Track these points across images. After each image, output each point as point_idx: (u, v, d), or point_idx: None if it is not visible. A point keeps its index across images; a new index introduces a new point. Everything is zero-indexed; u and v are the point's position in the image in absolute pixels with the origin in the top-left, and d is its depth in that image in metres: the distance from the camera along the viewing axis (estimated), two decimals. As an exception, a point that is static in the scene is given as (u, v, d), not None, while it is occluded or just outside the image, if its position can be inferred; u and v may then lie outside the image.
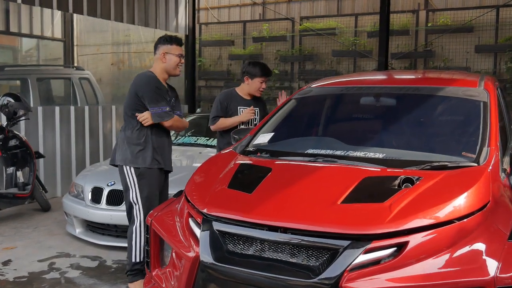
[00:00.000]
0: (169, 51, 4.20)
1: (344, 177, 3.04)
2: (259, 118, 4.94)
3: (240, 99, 4.97)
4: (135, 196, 4.11)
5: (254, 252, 2.72)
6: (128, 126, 4.19)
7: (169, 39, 4.24)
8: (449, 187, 2.87)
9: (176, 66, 4.25)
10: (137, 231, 4.09)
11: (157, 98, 4.09)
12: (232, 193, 3.06)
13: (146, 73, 4.24)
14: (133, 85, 4.19)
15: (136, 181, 4.11)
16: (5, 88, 9.66)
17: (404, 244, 2.52)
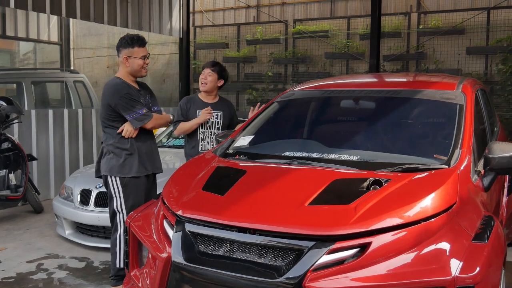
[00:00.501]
0: (131, 55, 4.07)
1: (315, 179, 3.11)
2: (222, 121, 4.88)
3: (200, 103, 4.88)
4: (120, 204, 4.11)
5: (224, 252, 2.79)
6: (109, 136, 4.13)
7: (130, 42, 4.07)
8: (416, 189, 2.93)
9: (140, 68, 4.13)
10: (120, 238, 4.14)
11: (130, 104, 4.02)
12: (205, 195, 3.13)
13: (112, 81, 4.14)
14: (104, 97, 4.10)
15: (121, 191, 4.10)
16: (2, 91, 9.76)
17: (367, 244, 2.59)
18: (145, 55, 4.15)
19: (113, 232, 4.21)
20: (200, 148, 4.82)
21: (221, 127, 4.86)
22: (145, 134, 4.22)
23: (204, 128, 4.82)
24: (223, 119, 4.89)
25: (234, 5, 11.19)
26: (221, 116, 4.89)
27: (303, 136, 4.29)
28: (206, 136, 4.82)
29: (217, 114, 4.87)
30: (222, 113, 4.90)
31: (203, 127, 4.82)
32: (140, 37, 4.15)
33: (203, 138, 4.82)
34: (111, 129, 4.13)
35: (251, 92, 10.51)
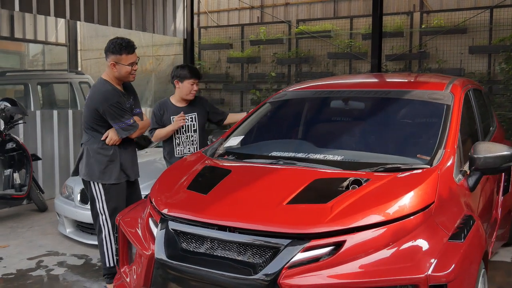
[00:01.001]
0: (119, 61, 4.00)
1: (296, 179, 3.18)
2: (198, 122, 4.85)
3: (172, 108, 4.84)
4: (102, 207, 4.17)
5: (206, 250, 2.87)
6: (92, 140, 4.14)
7: (118, 49, 3.97)
8: (394, 188, 2.99)
9: (127, 75, 4.08)
10: (106, 239, 4.22)
11: (119, 114, 4.01)
12: (189, 194, 3.22)
13: (102, 86, 4.07)
14: (92, 100, 4.07)
15: (103, 194, 4.16)
16: (10, 92, 9.93)
17: (341, 243, 2.65)
18: (134, 62, 4.07)
19: (98, 233, 4.27)
20: (176, 153, 4.82)
21: (198, 129, 4.85)
22: (127, 142, 4.24)
23: (179, 133, 4.81)
24: (198, 120, 4.87)
25: (239, 6, 11.27)
26: (195, 117, 4.85)
27: (293, 136, 4.36)
28: (182, 141, 4.80)
29: (191, 116, 4.84)
30: (196, 114, 4.86)
31: (179, 132, 4.80)
32: (130, 44, 4.05)
33: (179, 143, 4.81)
34: (95, 132, 4.13)
35: (254, 92, 10.58)
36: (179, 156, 4.79)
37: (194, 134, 4.83)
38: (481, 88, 5.46)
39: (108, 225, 4.20)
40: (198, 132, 4.85)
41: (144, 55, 11.29)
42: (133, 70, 4.11)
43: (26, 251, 5.44)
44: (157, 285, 3.00)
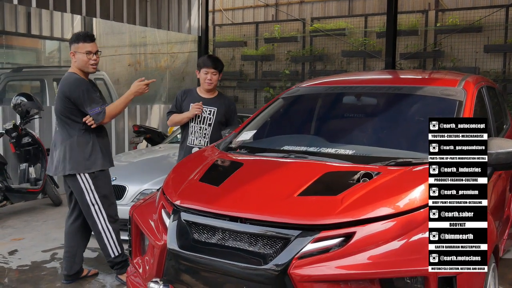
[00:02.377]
0: (77, 50, 4.08)
1: (307, 172, 3.20)
2: (215, 118, 4.74)
3: (196, 96, 4.79)
4: (93, 197, 4.17)
5: (217, 240, 2.91)
6: (70, 132, 4.14)
7: (75, 38, 4.10)
8: (405, 182, 3.00)
9: (85, 64, 4.11)
10: (104, 229, 4.23)
11: (91, 100, 4.05)
12: (202, 186, 3.26)
13: (71, 76, 4.14)
14: (62, 92, 4.10)
15: (92, 183, 4.16)
16: (26, 88, 10.07)
17: (351, 234, 2.68)
18: (89, 51, 4.10)
19: (93, 227, 4.26)
20: (188, 142, 4.75)
21: (213, 124, 4.73)
22: (103, 130, 4.31)
23: (194, 122, 4.74)
24: (216, 116, 4.75)
25: (253, 3, 11.31)
26: (214, 112, 4.76)
27: (305, 131, 4.38)
28: (195, 130, 4.74)
29: (211, 110, 4.75)
30: (217, 110, 4.76)
31: (194, 121, 4.73)
32: (88, 34, 4.18)
33: (192, 132, 4.74)
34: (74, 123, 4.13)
35: (268, 90, 10.62)
36: (190, 145, 4.74)
37: (208, 128, 4.75)
38: (495, 85, 5.43)
39: (103, 215, 4.20)
40: (213, 127, 4.75)
41: (159, 52, 11.39)
42: (92, 60, 4.13)
43: (41, 244, 5.52)
44: (169, 275, 3.05)
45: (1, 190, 6.32)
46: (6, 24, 10.60)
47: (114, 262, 4.33)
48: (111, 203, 4.29)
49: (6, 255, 5.16)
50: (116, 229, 4.32)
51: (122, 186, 5.55)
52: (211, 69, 4.74)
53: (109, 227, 4.24)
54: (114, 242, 4.26)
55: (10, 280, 4.55)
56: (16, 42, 11.31)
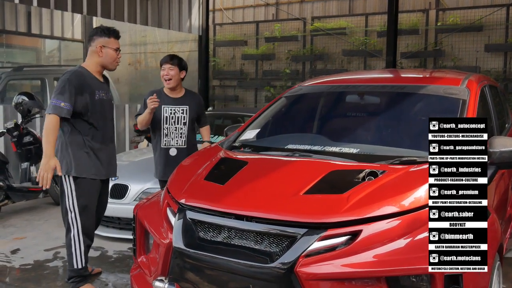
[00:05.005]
0: (107, 45, 3.97)
1: (312, 170, 3.21)
2: (188, 116, 4.70)
3: (165, 97, 4.69)
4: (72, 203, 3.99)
5: (223, 239, 2.92)
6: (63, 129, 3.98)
7: (106, 32, 3.98)
8: (410, 180, 3.01)
9: (113, 61, 4.03)
10: (75, 239, 4.02)
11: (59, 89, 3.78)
12: (207, 184, 3.26)
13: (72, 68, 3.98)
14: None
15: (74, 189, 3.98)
16: (27, 87, 10.06)
17: (358, 232, 2.68)
18: (119, 48, 4.07)
19: (67, 232, 4.08)
20: (163, 144, 4.67)
21: (188, 122, 4.68)
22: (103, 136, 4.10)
23: (168, 124, 4.66)
24: (189, 113, 4.72)
25: (254, 3, 11.31)
26: (187, 110, 4.71)
27: (308, 130, 4.39)
28: (171, 131, 4.66)
29: (183, 108, 4.70)
30: (188, 108, 4.71)
31: (167, 122, 4.66)
32: (116, 30, 4.07)
33: (167, 134, 4.65)
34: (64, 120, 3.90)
35: (269, 89, 10.63)
36: (165, 147, 4.65)
37: (183, 127, 4.68)
38: (497, 84, 5.45)
39: (78, 224, 4.01)
40: (188, 125, 4.70)
41: (159, 52, 11.39)
42: (118, 57, 4.08)
43: (43, 243, 5.52)
44: (174, 274, 3.05)
45: (2, 189, 6.32)
46: (7, 23, 10.60)
47: (75, 273, 4.09)
48: (90, 216, 4.06)
49: (9, 254, 5.16)
50: (86, 242, 4.11)
51: (124, 185, 5.55)
52: (167, 64, 4.68)
53: (80, 238, 4.01)
54: (81, 254, 4.04)
55: (13, 279, 4.55)
56: (16, 41, 11.32)
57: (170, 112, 4.68)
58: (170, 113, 4.68)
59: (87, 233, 4.11)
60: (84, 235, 4.06)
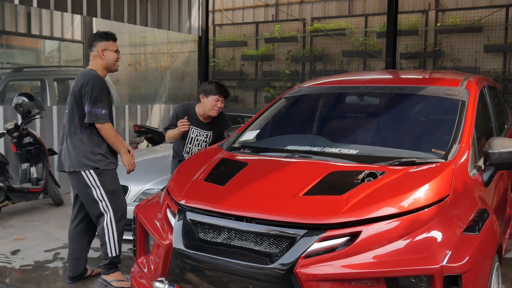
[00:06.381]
0: (107, 48, 4.18)
1: (312, 171, 3.22)
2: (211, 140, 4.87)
3: (195, 118, 4.81)
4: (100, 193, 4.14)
5: (223, 240, 2.92)
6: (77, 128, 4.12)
7: (105, 36, 4.19)
8: (409, 181, 3.02)
9: (114, 62, 4.22)
10: (108, 227, 4.18)
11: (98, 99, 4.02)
12: (207, 185, 3.27)
13: (90, 72, 4.13)
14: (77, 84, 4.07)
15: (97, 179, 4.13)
16: (27, 88, 10.06)
17: (357, 233, 2.69)
18: (118, 49, 4.28)
19: (99, 222, 4.22)
20: (184, 157, 4.87)
21: (208, 144, 4.87)
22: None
23: (191, 144, 4.84)
24: (212, 138, 4.91)
25: (253, 3, 11.33)
26: (210, 136, 4.90)
27: (308, 131, 4.40)
28: (193, 151, 4.84)
29: (207, 134, 4.88)
30: (212, 133, 4.90)
31: (191, 143, 4.84)
32: (113, 33, 4.29)
33: (189, 152, 4.86)
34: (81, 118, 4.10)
35: (268, 90, 10.64)
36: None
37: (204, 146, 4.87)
38: (496, 85, 5.46)
39: (110, 211, 4.18)
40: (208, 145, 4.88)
41: (159, 52, 11.39)
42: (118, 58, 4.28)
43: (43, 244, 5.52)
44: (174, 275, 3.06)
45: (2, 190, 6.32)
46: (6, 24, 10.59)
47: (109, 261, 4.24)
48: (120, 198, 4.25)
49: (9, 254, 5.16)
50: (120, 229, 4.28)
51: (124, 186, 5.54)
52: (223, 97, 4.77)
53: (113, 225, 4.19)
54: (115, 242, 4.21)
55: (13, 280, 4.56)
56: (16, 42, 11.30)
57: (196, 134, 4.85)
58: (196, 135, 4.86)
59: (122, 215, 4.27)
60: (116, 222, 4.21)
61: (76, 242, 4.41)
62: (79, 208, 4.39)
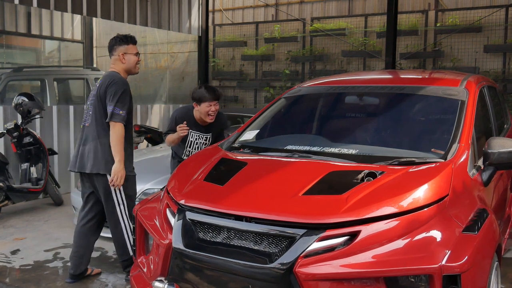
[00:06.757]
0: (127, 51, 4.22)
1: (311, 171, 3.22)
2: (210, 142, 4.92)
3: (193, 122, 4.85)
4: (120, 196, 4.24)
5: (222, 239, 2.92)
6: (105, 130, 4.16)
7: (125, 39, 4.24)
8: (409, 181, 3.02)
9: (135, 65, 4.29)
10: (127, 229, 4.31)
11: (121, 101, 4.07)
12: (206, 185, 3.27)
13: (116, 74, 4.19)
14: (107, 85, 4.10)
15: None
16: (27, 88, 10.06)
17: (356, 233, 2.69)
18: (138, 52, 4.33)
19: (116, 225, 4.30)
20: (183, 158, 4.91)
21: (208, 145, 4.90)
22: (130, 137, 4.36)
23: (191, 147, 4.89)
24: (211, 140, 4.96)
25: (253, 3, 11.33)
26: (209, 138, 4.95)
27: (308, 131, 4.41)
28: (192, 154, 4.86)
29: (206, 136, 4.94)
30: (211, 135, 4.95)
31: (191, 146, 4.88)
32: (133, 36, 4.35)
33: (188, 155, 4.91)
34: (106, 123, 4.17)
35: (268, 90, 10.65)
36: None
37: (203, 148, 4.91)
38: (496, 85, 5.46)
39: (127, 215, 4.28)
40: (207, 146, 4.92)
41: (159, 52, 11.39)
42: (138, 60, 4.33)
43: (43, 243, 5.53)
44: (174, 274, 3.06)
45: (2, 190, 6.33)
46: (6, 23, 10.61)
47: (130, 262, 4.28)
48: (133, 204, 4.31)
49: (9, 254, 5.17)
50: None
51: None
52: (214, 101, 4.77)
53: (130, 226, 4.27)
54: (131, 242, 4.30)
55: (13, 280, 4.56)
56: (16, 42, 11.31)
57: (196, 138, 4.89)
58: (196, 138, 4.89)
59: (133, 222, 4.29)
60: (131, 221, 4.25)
61: (83, 240, 4.44)
62: (91, 207, 4.43)
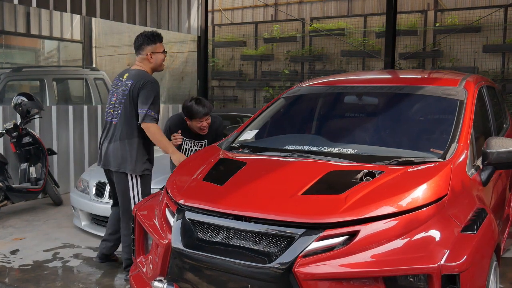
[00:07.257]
0: (155, 50, 4.25)
1: (310, 171, 3.22)
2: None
3: (187, 130, 4.87)
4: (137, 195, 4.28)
5: (221, 239, 2.93)
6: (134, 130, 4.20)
7: (152, 38, 4.23)
8: (407, 181, 3.03)
9: (161, 63, 4.33)
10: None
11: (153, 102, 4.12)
12: (205, 185, 3.28)
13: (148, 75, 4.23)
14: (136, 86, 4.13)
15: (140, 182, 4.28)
16: (26, 88, 10.06)
17: (355, 232, 2.70)
18: (165, 50, 4.35)
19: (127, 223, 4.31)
20: None
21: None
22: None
23: (187, 155, 4.87)
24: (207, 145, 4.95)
25: (253, 3, 11.34)
26: (205, 144, 4.97)
27: (307, 131, 4.41)
28: None
29: (202, 143, 4.96)
30: (207, 142, 4.96)
31: (186, 154, 4.88)
32: (160, 34, 4.34)
33: None
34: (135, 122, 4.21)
35: (268, 90, 10.65)
36: None
37: None
38: (495, 85, 5.47)
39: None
40: None
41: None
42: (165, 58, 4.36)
43: (42, 243, 5.53)
44: (173, 274, 3.06)
45: (2, 190, 6.33)
46: (5, 23, 10.60)
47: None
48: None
49: (8, 254, 5.16)
50: None
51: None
52: (205, 116, 4.77)
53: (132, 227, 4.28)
54: None
55: (12, 280, 4.56)
56: (15, 42, 11.29)
57: (190, 145, 4.91)
58: (190, 146, 4.91)
59: None
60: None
61: (117, 225, 4.56)
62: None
